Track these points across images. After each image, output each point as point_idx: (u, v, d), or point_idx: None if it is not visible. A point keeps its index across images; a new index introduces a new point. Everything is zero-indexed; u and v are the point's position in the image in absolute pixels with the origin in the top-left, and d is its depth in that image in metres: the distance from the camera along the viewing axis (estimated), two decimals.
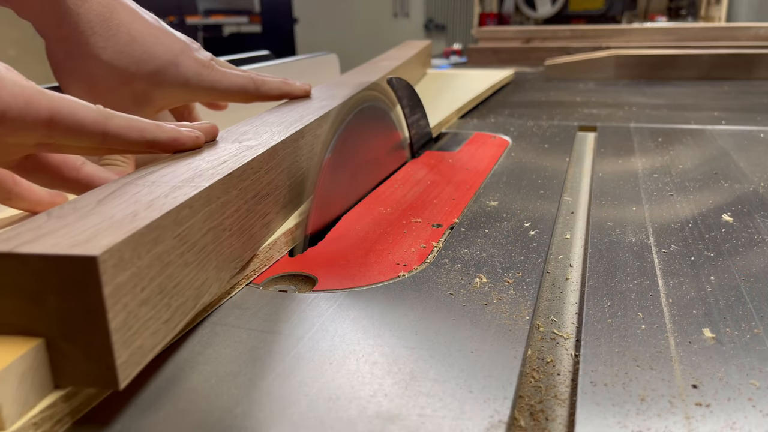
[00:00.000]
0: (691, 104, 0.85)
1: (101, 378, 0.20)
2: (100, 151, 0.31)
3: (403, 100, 0.55)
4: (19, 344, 0.19)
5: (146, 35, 0.42)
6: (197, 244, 0.25)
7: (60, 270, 0.19)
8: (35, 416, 0.19)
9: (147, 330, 0.21)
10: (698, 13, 3.03)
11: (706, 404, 0.21)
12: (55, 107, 0.28)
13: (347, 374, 0.23)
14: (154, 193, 0.24)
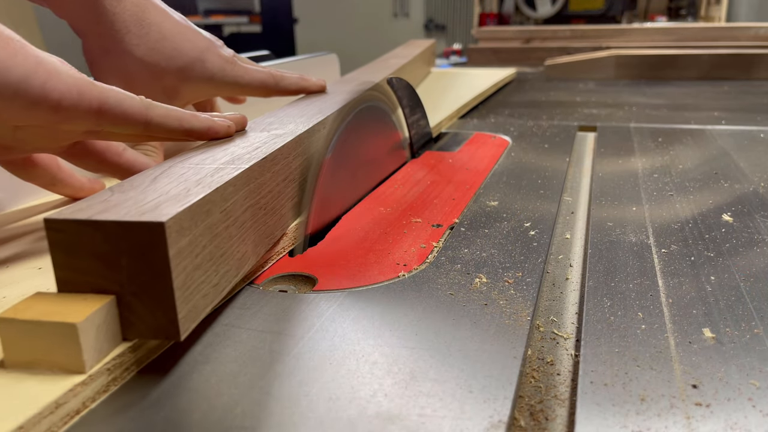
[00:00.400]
0: (691, 104, 0.85)
1: (164, 331, 0.23)
2: (141, 138, 0.33)
3: (403, 100, 0.55)
4: (94, 300, 0.22)
5: (175, 33, 0.44)
6: (239, 219, 0.28)
7: (131, 235, 0.22)
8: (108, 363, 0.22)
9: (200, 291, 0.24)
10: (698, 13, 3.03)
11: (706, 404, 0.21)
12: (104, 97, 0.31)
13: (347, 374, 0.23)
14: (200, 174, 0.27)
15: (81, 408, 0.21)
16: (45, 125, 0.30)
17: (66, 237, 0.22)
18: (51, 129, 0.31)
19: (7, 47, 0.28)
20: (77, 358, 0.21)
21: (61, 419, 0.20)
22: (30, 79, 0.28)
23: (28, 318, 0.21)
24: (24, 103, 0.28)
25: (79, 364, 0.21)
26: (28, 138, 0.32)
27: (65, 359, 0.21)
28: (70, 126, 0.31)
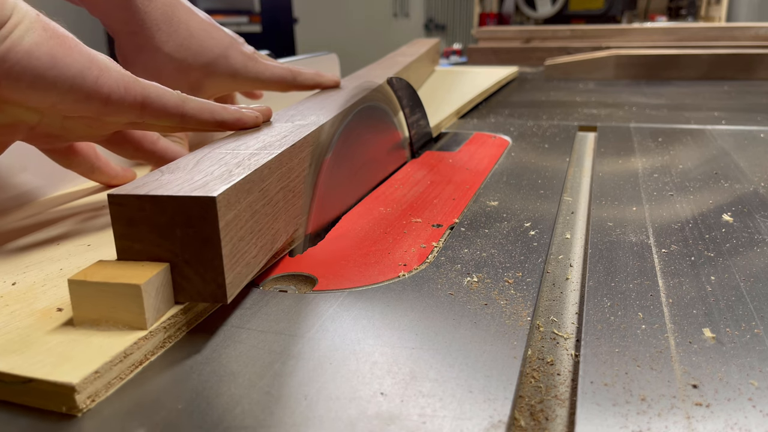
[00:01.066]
0: (691, 104, 0.85)
1: (213, 294, 0.25)
2: (176, 129, 0.36)
3: (403, 100, 0.55)
4: (151, 266, 0.25)
5: (201, 31, 0.47)
6: (273, 199, 0.30)
7: (185, 208, 0.24)
8: (164, 322, 0.25)
9: (243, 261, 0.27)
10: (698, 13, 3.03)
11: (706, 404, 0.21)
12: (147, 92, 0.33)
13: (347, 374, 0.23)
14: (238, 157, 0.30)
15: (143, 359, 0.24)
16: (93, 117, 0.33)
17: (126, 210, 0.25)
18: (98, 120, 0.34)
19: (65, 45, 0.31)
20: (140, 316, 0.24)
21: (128, 367, 0.23)
22: (84, 74, 0.31)
23: (97, 280, 0.24)
24: (78, 96, 0.31)
25: (141, 322, 0.24)
26: (74, 128, 0.35)
27: (129, 317, 0.24)
28: (115, 118, 0.33)
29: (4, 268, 0.31)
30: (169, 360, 0.24)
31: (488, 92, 0.92)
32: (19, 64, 0.29)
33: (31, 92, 0.30)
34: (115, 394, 0.22)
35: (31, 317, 0.26)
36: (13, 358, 0.22)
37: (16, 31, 0.29)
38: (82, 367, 0.21)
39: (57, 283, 0.29)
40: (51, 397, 0.21)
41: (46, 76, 0.30)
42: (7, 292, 0.28)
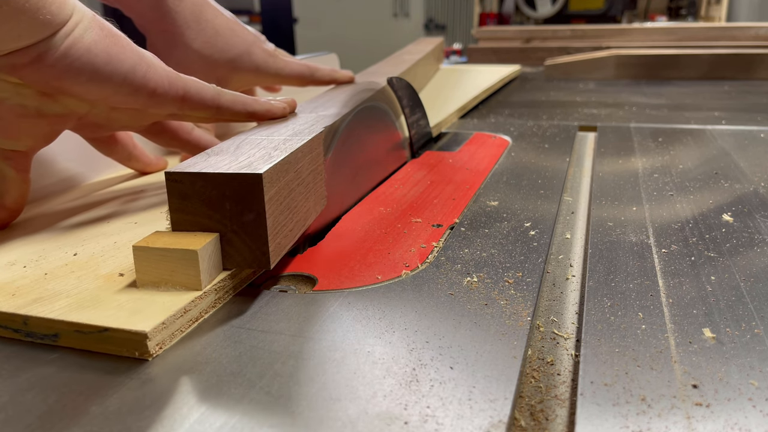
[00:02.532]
0: (691, 104, 0.85)
1: (257, 261, 0.28)
2: (211, 120, 0.39)
3: (403, 100, 0.55)
4: (204, 236, 0.28)
5: (226, 29, 0.50)
6: (305, 180, 0.33)
7: (235, 184, 0.27)
8: (215, 285, 0.28)
9: (282, 233, 0.29)
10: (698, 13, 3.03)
11: (706, 404, 0.21)
12: (187, 86, 0.36)
13: (347, 374, 0.23)
14: (273, 143, 0.33)
15: (199, 316, 0.27)
16: (139, 108, 0.36)
17: (181, 186, 0.28)
18: (142, 112, 0.37)
19: (118, 43, 0.33)
20: (196, 278, 0.27)
21: (187, 322, 0.26)
22: (135, 69, 0.34)
23: (158, 246, 0.27)
24: (128, 90, 0.34)
25: (197, 283, 0.27)
26: (119, 118, 0.38)
27: (186, 279, 0.27)
28: (158, 110, 0.36)
29: (63, 242, 0.35)
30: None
31: (492, 89, 0.94)
32: (80, 59, 0.32)
33: (90, 85, 0.33)
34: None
35: (97, 281, 0.29)
36: (89, 313, 0.25)
37: (77, 30, 0.32)
38: (150, 319, 0.25)
39: (113, 254, 0.32)
40: (125, 344, 0.24)
41: (103, 70, 0.33)
42: (71, 261, 0.31)
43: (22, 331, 0.26)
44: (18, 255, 0.33)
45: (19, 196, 0.37)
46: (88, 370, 0.24)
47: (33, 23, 0.30)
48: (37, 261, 0.32)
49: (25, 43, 0.30)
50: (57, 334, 0.25)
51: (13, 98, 0.33)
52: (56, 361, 0.24)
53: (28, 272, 0.30)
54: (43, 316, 0.25)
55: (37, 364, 0.24)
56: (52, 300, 0.27)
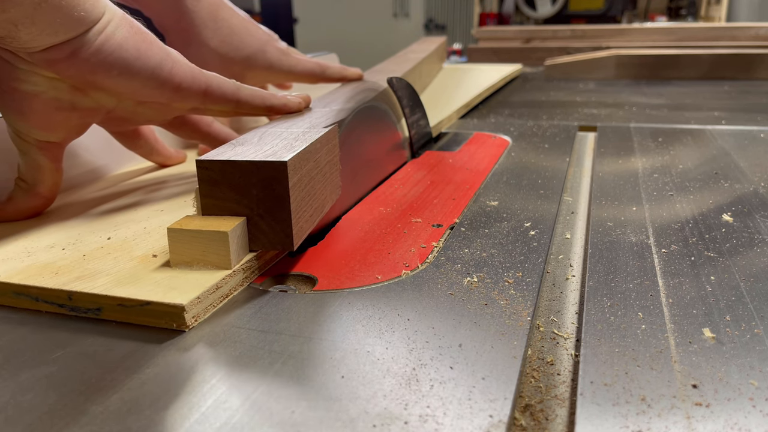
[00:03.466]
0: (691, 104, 0.85)
1: (281, 243, 0.30)
2: (231, 114, 0.41)
3: (403, 100, 0.55)
4: (233, 219, 0.30)
5: (241, 28, 0.52)
6: (323, 169, 0.35)
7: (261, 171, 0.29)
8: (243, 264, 0.30)
9: (303, 217, 0.31)
10: (698, 13, 3.03)
11: (706, 404, 0.21)
12: (209, 82, 0.38)
13: (347, 374, 0.23)
14: (293, 134, 0.34)
15: (229, 293, 0.29)
16: (164, 102, 0.38)
17: (211, 173, 0.30)
18: (166, 106, 0.39)
19: (146, 40, 0.35)
20: (226, 257, 0.29)
21: (219, 298, 0.28)
22: (162, 65, 0.36)
23: (191, 228, 0.29)
24: (155, 84, 0.36)
25: (227, 263, 0.29)
26: (144, 112, 0.40)
27: (217, 259, 0.29)
28: (182, 104, 0.38)
29: (97, 227, 0.37)
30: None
31: (495, 87, 0.97)
32: (112, 55, 0.34)
33: (120, 79, 0.35)
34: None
35: (133, 261, 0.31)
36: (129, 288, 0.27)
37: (109, 27, 0.34)
38: (186, 294, 0.27)
39: (145, 238, 0.34)
40: (164, 317, 0.26)
41: (133, 65, 0.34)
42: (106, 244, 0.34)
43: (66, 306, 0.28)
44: (56, 239, 0.35)
45: (53, 184, 0.39)
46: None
47: (69, 20, 0.32)
48: (74, 244, 0.34)
49: (62, 39, 0.32)
50: (100, 308, 0.27)
51: (49, 92, 0.35)
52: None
53: (67, 254, 0.32)
54: (88, 292, 0.27)
55: (37, 363, 0.24)
56: (93, 278, 0.29)
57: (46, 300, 0.28)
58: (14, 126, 0.37)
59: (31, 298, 0.28)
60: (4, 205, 0.38)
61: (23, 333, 0.26)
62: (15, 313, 0.28)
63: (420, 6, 4.52)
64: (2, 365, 0.24)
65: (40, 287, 0.28)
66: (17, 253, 0.33)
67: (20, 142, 0.37)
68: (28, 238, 0.35)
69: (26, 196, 0.38)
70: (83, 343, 0.25)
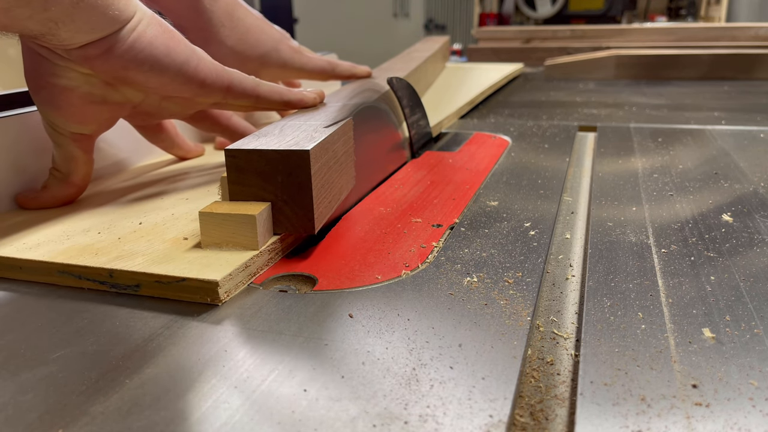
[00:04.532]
0: (691, 104, 0.85)
1: (304, 227, 0.33)
2: (250, 109, 0.43)
3: (402, 100, 0.55)
4: (259, 204, 0.32)
5: (256, 27, 0.54)
6: (340, 159, 0.37)
7: (286, 159, 0.31)
8: (268, 246, 0.32)
9: (323, 204, 0.34)
10: (698, 13, 3.03)
11: (706, 404, 0.21)
12: (231, 78, 0.40)
13: (347, 374, 0.23)
14: (312, 127, 0.36)
15: (256, 272, 0.31)
16: (188, 97, 0.40)
17: (239, 161, 0.32)
18: (190, 101, 0.41)
19: (174, 38, 0.38)
20: (253, 239, 0.31)
21: (247, 276, 0.31)
22: (189, 61, 0.38)
23: (221, 212, 0.31)
24: (182, 80, 0.38)
25: (254, 244, 0.31)
26: (169, 107, 0.42)
27: (245, 240, 0.31)
28: (205, 99, 0.40)
29: (127, 214, 0.39)
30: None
31: (498, 85, 0.99)
32: (144, 51, 0.36)
33: (151, 74, 0.37)
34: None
35: (165, 243, 0.33)
36: (165, 266, 0.30)
37: (140, 25, 0.36)
38: (219, 271, 0.29)
39: (174, 223, 0.37)
40: (199, 292, 0.29)
41: (162, 61, 0.37)
42: (139, 228, 0.36)
43: (107, 282, 0.30)
44: (90, 224, 0.37)
45: (85, 174, 0.42)
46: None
47: (104, 18, 0.34)
48: (109, 228, 0.36)
49: (98, 36, 0.34)
50: (139, 285, 0.30)
51: (83, 87, 0.37)
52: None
53: (103, 237, 0.35)
54: (128, 269, 0.30)
55: (37, 363, 0.24)
56: (131, 257, 0.31)
57: (88, 277, 0.31)
58: (50, 119, 0.39)
59: (75, 276, 0.31)
60: (40, 194, 0.41)
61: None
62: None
63: (420, 6, 4.52)
64: (2, 365, 0.24)
65: (84, 266, 0.31)
66: (57, 236, 0.35)
67: (55, 135, 0.40)
68: (65, 224, 0.37)
69: (61, 185, 0.41)
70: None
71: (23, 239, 0.35)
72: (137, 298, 0.29)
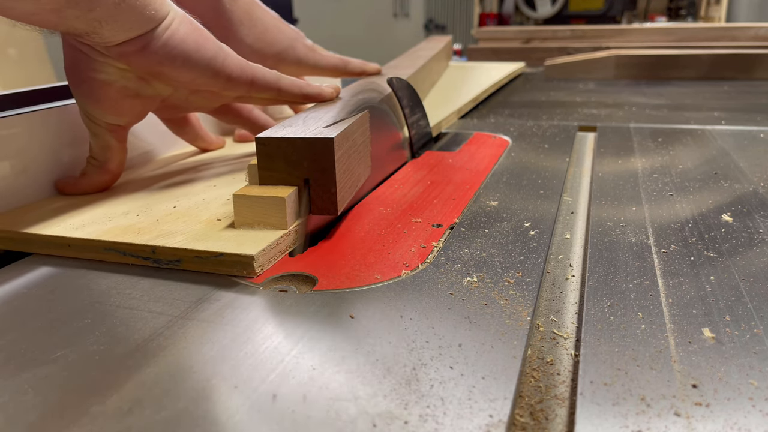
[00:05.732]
0: (691, 104, 0.85)
1: (327, 209, 0.35)
2: (272, 102, 0.46)
3: (402, 100, 0.55)
4: (287, 188, 0.35)
5: (272, 26, 0.57)
6: (358, 148, 0.39)
7: (311, 147, 0.34)
8: (295, 226, 0.35)
9: (344, 188, 0.36)
10: (698, 13, 3.03)
11: (705, 404, 0.21)
12: (254, 72, 0.43)
13: (347, 374, 0.23)
14: (333, 118, 0.38)
15: (285, 249, 0.34)
16: (215, 92, 0.43)
17: (268, 149, 0.35)
18: (217, 95, 0.44)
19: (203, 35, 0.40)
20: (283, 219, 0.34)
21: (278, 253, 0.33)
22: (216, 57, 0.40)
23: (254, 194, 0.34)
24: (210, 74, 0.40)
25: (284, 224, 0.34)
26: (196, 101, 0.45)
27: (275, 221, 0.34)
28: (231, 92, 0.43)
29: (161, 198, 0.42)
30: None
31: (501, 83, 1.02)
32: (177, 48, 0.39)
33: (182, 69, 0.40)
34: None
35: (200, 224, 0.36)
36: (203, 243, 0.32)
37: (174, 24, 0.39)
38: (254, 247, 0.32)
39: (206, 206, 0.39)
40: (236, 266, 0.31)
41: (193, 57, 0.39)
42: (174, 211, 0.39)
43: (150, 258, 0.33)
44: (129, 207, 0.40)
45: (120, 161, 0.45)
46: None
47: (142, 17, 0.37)
48: (146, 211, 0.39)
49: (136, 34, 0.37)
50: (180, 260, 0.32)
51: (119, 81, 0.40)
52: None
53: (142, 218, 0.38)
54: (169, 246, 0.32)
55: (38, 363, 0.24)
56: (171, 236, 0.34)
57: (132, 254, 0.33)
58: (88, 111, 0.42)
59: (120, 253, 0.34)
60: (79, 180, 0.44)
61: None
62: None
63: (420, 6, 4.52)
64: (2, 365, 0.24)
65: (128, 243, 0.33)
66: (99, 218, 0.38)
67: (92, 126, 0.43)
68: (105, 207, 0.40)
69: (98, 172, 0.44)
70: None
71: (68, 221, 0.38)
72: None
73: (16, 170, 0.42)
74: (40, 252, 0.36)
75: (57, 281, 0.32)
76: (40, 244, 0.36)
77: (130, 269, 0.33)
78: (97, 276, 0.32)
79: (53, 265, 0.34)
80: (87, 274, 0.33)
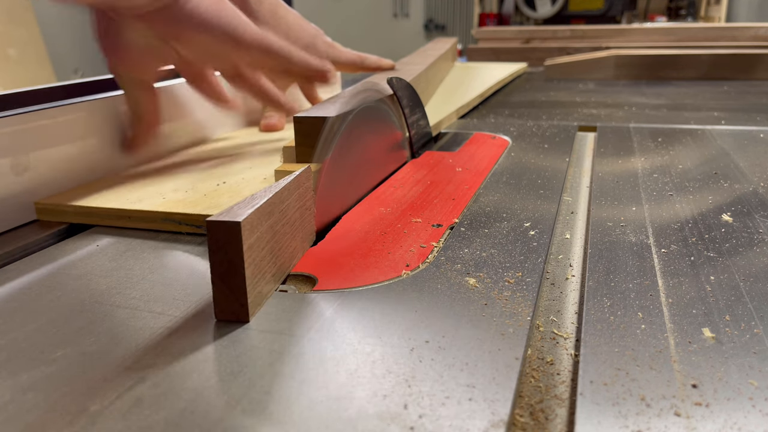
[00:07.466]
0: (691, 104, 0.85)
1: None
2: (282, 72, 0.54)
3: (402, 100, 0.55)
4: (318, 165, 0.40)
5: (295, 24, 0.61)
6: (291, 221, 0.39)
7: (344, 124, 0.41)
8: None
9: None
10: (698, 13, 3.03)
11: (705, 404, 0.21)
12: (270, 41, 0.50)
13: (347, 374, 0.23)
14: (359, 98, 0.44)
15: None
16: (231, 54, 0.48)
17: (304, 126, 0.39)
18: (231, 59, 0.49)
19: (221, 3, 0.46)
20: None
21: None
22: (232, 23, 0.46)
23: (293, 170, 0.34)
24: (227, 39, 0.46)
25: None
26: (211, 61, 0.51)
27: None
28: (245, 58, 0.49)
29: (204, 178, 0.47)
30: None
31: (504, 81, 1.05)
32: (200, 15, 0.45)
33: (203, 33, 0.45)
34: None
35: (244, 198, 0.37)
36: None
37: None
38: None
39: (247, 184, 0.44)
40: None
41: (211, 22, 0.45)
42: (219, 188, 0.43)
43: (203, 227, 0.36)
44: (176, 185, 0.44)
45: (152, 112, 0.50)
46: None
47: None
48: (193, 189, 0.43)
49: (163, 4, 0.43)
50: None
51: (142, 41, 0.46)
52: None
53: (190, 195, 0.42)
54: None
55: (38, 363, 0.24)
56: (220, 208, 0.38)
57: (187, 223, 0.38)
58: (117, 70, 0.47)
59: (176, 222, 0.38)
60: (129, 137, 0.50)
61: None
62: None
63: (420, 6, 4.52)
64: (3, 364, 0.24)
65: (184, 213, 0.38)
66: (152, 194, 0.42)
67: (122, 83, 0.48)
68: (155, 186, 0.45)
69: (137, 124, 0.50)
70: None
71: (125, 196, 0.42)
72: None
73: (80, 152, 0.46)
74: (101, 224, 0.40)
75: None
76: (102, 216, 0.40)
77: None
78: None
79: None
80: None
